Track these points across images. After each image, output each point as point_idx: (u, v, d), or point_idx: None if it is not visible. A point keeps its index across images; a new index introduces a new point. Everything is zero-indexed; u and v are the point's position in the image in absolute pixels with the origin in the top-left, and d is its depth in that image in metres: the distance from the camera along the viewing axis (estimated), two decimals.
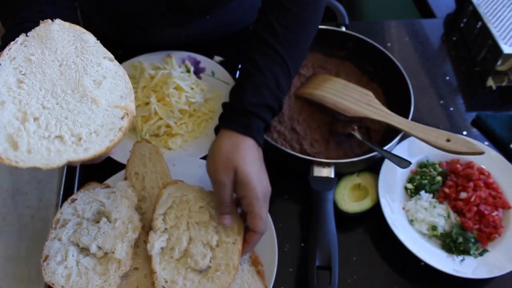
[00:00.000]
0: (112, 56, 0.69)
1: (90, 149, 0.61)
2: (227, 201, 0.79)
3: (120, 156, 1.02)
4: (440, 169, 1.00)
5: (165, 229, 0.82)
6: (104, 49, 0.69)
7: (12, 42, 0.65)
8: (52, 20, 0.68)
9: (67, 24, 0.69)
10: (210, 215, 0.85)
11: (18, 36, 0.66)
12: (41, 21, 0.68)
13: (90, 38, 0.69)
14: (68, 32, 0.69)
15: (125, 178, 0.94)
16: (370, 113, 1.03)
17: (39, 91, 0.63)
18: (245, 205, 0.78)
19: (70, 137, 0.61)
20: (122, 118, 0.64)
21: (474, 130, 1.15)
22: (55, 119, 0.62)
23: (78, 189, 0.93)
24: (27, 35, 0.66)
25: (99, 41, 0.69)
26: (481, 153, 0.90)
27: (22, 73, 0.64)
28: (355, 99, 1.07)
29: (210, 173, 0.81)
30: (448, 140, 0.93)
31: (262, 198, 0.78)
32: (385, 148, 0.97)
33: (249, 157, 0.78)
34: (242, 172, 0.76)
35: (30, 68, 0.64)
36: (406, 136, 1.03)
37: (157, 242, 0.80)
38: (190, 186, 0.89)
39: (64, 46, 0.67)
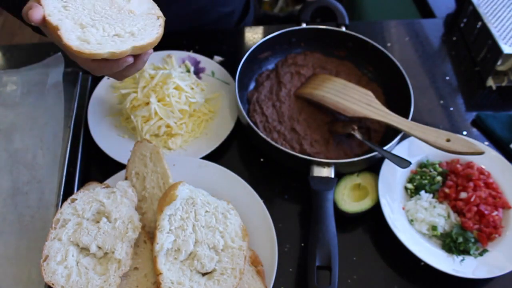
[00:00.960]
0: None
1: (145, 38, 0.73)
2: None
3: (120, 156, 1.02)
4: (440, 169, 1.00)
5: (170, 229, 0.82)
6: None
7: None
8: None
9: None
10: (216, 219, 0.85)
11: None
12: None
13: None
14: None
15: (126, 178, 0.94)
16: (370, 113, 1.03)
17: (83, 10, 0.75)
18: None
19: (125, 34, 0.73)
20: (157, 19, 0.77)
21: (474, 130, 1.15)
22: (107, 24, 0.74)
23: (78, 189, 0.93)
24: None
25: None
26: (481, 153, 0.90)
27: (65, 1, 0.74)
28: (355, 99, 1.07)
29: None
30: (448, 140, 0.93)
31: None
32: (385, 148, 0.97)
33: None
34: None
35: None
36: (406, 136, 1.03)
37: (165, 243, 0.80)
38: (198, 190, 0.89)
39: None
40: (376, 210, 0.95)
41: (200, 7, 0.90)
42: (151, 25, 0.76)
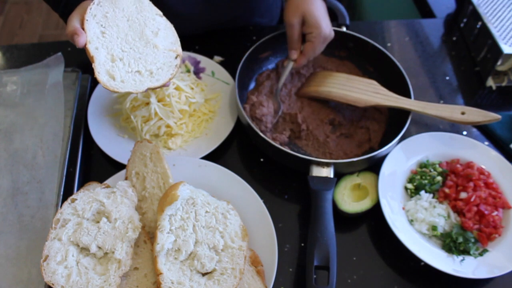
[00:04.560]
0: (161, 13, 0.92)
1: (160, 79, 0.85)
2: (295, 38, 1.03)
3: (120, 156, 1.02)
4: (440, 169, 1.00)
5: (170, 229, 0.82)
6: (156, 8, 0.92)
7: (92, 3, 0.86)
8: None
9: None
10: (216, 220, 0.85)
11: None
12: None
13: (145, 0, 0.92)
14: None
15: (126, 178, 0.94)
16: (381, 100, 1.04)
17: (117, 39, 0.87)
18: (310, 37, 1.01)
19: (145, 72, 0.86)
20: (175, 58, 0.88)
21: (474, 130, 1.15)
22: (133, 59, 0.86)
23: (78, 189, 0.93)
24: None
25: (151, 2, 0.92)
26: (498, 118, 0.97)
27: (103, 26, 0.87)
28: (361, 89, 1.08)
29: (285, 20, 1.03)
30: (463, 113, 0.98)
31: (324, 36, 1.01)
32: (385, 148, 0.97)
33: (315, 5, 1.01)
34: (310, 15, 0.99)
35: (108, 22, 0.87)
36: (406, 136, 1.03)
37: (166, 243, 0.80)
38: (198, 190, 0.89)
39: (128, 6, 0.90)
40: (376, 210, 0.94)
41: (236, 16, 1.04)
42: (168, 64, 0.87)
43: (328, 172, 0.94)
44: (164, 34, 0.90)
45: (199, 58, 1.22)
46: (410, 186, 0.99)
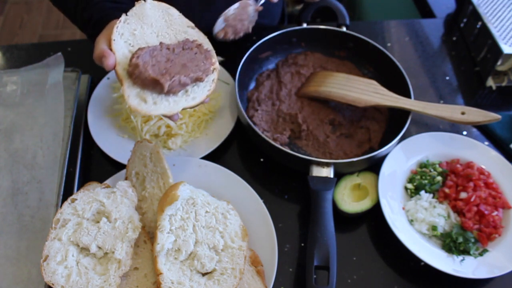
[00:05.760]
0: (193, 25, 0.86)
1: (196, 97, 0.78)
2: None
3: (120, 156, 1.02)
4: (440, 169, 1.00)
5: (170, 229, 0.82)
6: (186, 19, 0.86)
7: (118, 21, 0.81)
8: (145, 0, 0.84)
9: (155, 2, 0.85)
10: (216, 220, 0.85)
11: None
12: (136, 2, 0.83)
13: (174, 12, 0.86)
14: (157, 9, 0.85)
15: (126, 178, 0.94)
16: (381, 100, 1.04)
17: None
18: None
19: (180, 91, 0.78)
20: (212, 72, 0.81)
21: (474, 130, 1.15)
22: None
23: (78, 189, 0.93)
24: (126, 14, 0.81)
25: (181, 14, 0.86)
26: (498, 118, 0.96)
27: (132, 45, 0.80)
28: (361, 89, 1.08)
29: None
30: (463, 113, 0.98)
31: None
32: (385, 148, 0.97)
33: None
34: None
35: (136, 40, 0.81)
36: (406, 136, 1.03)
37: (166, 243, 0.80)
38: (198, 190, 0.89)
39: (156, 20, 0.84)
40: (376, 210, 0.94)
41: None
42: (206, 79, 0.80)
43: (328, 172, 0.94)
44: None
45: None
46: (410, 186, 0.99)
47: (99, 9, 0.95)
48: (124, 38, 0.80)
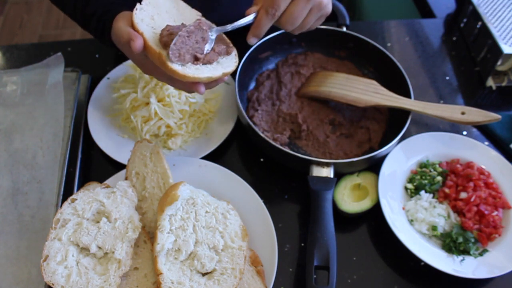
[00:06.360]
0: (200, 14, 0.89)
1: (228, 67, 0.82)
2: None
3: (120, 156, 1.02)
4: (440, 169, 1.00)
5: (170, 229, 0.82)
6: (194, 10, 0.90)
7: (134, 9, 0.82)
8: None
9: None
10: (216, 220, 0.85)
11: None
12: None
13: (182, 3, 0.90)
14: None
15: (126, 178, 0.94)
16: (381, 100, 1.04)
17: None
18: None
19: (214, 62, 0.81)
20: (235, 55, 0.85)
21: (474, 130, 1.15)
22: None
23: (78, 189, 0.93)
24: (140, 3, 0.83)
25: (187, 4, 0.90)
26: (498, 118, 0.96)
27: (154, 28, 0.82)
28: (361, 89, 1.08)
29: None
30: (463, 113, 0.98)
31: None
32: (385, 148, 0.97)
33: None
34: None
35: (156, 24, 0.83)
36: (406, 136, 1.03)
37: (166, 243, 0.80)
38: (198, 190, 0.89)
39: (169, 9, 0.87)
40: (376, 210, 0.94)
41: (237, 17, 0.93)
42: (229, 56, 0.84)
43: (328, 172, 0.94)
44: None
45: None
46: (410, 186, 0.99)
47: (102, 4, 0.95)
48: (146, 22, 0.82)
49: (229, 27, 0.84)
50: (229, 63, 0.84)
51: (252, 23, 0.84)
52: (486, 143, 1.11)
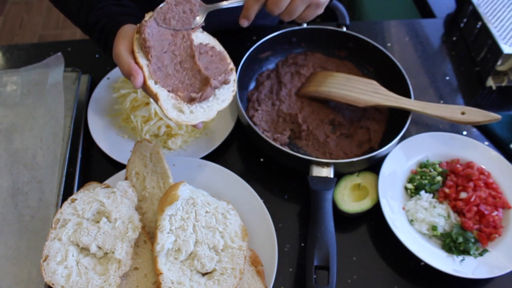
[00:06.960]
0: (201, 29, 0.87)
1: (225, 99, 0.82)
2: None
3: (120, 156, 1.02)
4: (440, 169, 1.00)
5: (170, 229, 0.82)
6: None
7: (134, 34, 0.80)
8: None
9: None
10: (216, 220, 0.85)
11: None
12: (146, 14, 0.82)
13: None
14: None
15: (126, 178, 0.94)
16: (381, 100, 1.04)
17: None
18: None
19: (211, 96, 0.81)
20: (231, 72, 0.84)
21: (474, 130, 1.15)
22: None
23: (78, 189, 0.93)
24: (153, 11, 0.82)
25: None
26: (498, 118, 0.96)
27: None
28: (361, 89, 1.08)
29: None
30: (463, 113, 0.98)
31: None
32: (385, 148, 0.97)
33: None
34: None
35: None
36: (406, 136, 1.03)
37: (166, 243, 0.80)
38: (198, 190, 0.89)
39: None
40: (376, 210, 0.94)
41: (237, 18, 0.93)
42: (227, 86, 0.83)
43: (328, 172, 0.94)
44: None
45: None
46: (410, 186, 0.99)
47: (105, 13, 0.94)
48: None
49: (219, 5, 0.84)
50: (226, 94, 0.82)
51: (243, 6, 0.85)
52: (486, 143, 1.11)
